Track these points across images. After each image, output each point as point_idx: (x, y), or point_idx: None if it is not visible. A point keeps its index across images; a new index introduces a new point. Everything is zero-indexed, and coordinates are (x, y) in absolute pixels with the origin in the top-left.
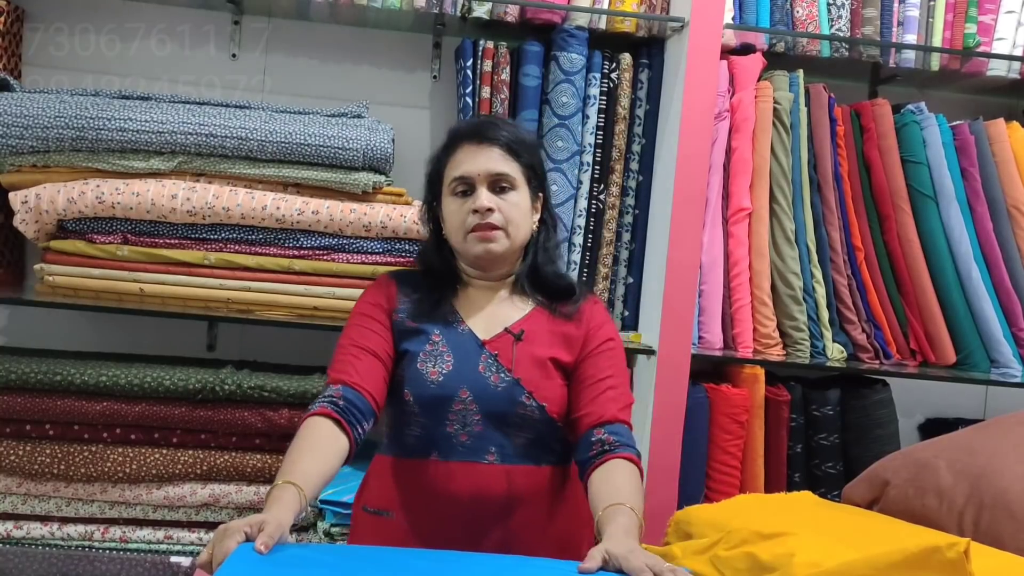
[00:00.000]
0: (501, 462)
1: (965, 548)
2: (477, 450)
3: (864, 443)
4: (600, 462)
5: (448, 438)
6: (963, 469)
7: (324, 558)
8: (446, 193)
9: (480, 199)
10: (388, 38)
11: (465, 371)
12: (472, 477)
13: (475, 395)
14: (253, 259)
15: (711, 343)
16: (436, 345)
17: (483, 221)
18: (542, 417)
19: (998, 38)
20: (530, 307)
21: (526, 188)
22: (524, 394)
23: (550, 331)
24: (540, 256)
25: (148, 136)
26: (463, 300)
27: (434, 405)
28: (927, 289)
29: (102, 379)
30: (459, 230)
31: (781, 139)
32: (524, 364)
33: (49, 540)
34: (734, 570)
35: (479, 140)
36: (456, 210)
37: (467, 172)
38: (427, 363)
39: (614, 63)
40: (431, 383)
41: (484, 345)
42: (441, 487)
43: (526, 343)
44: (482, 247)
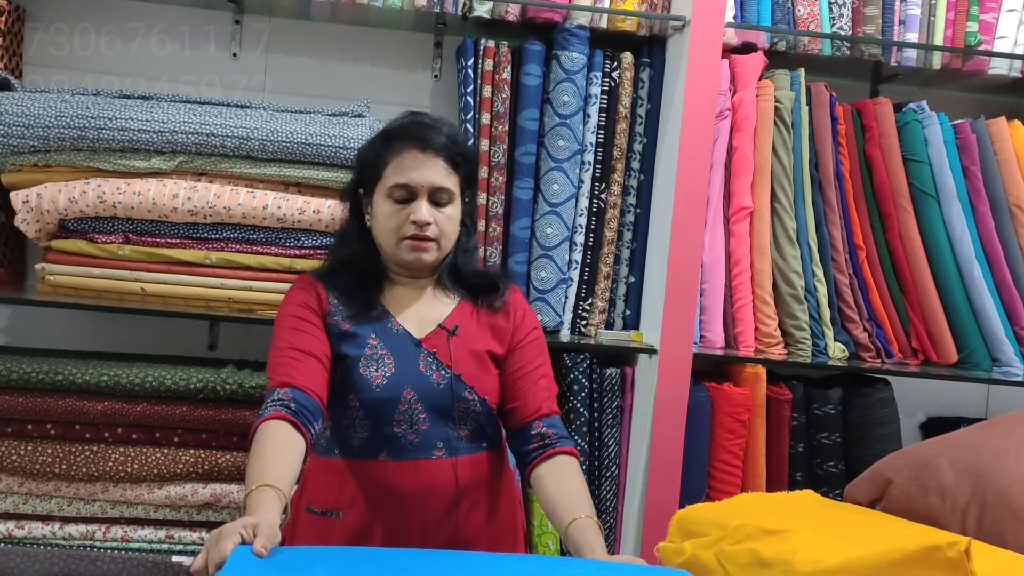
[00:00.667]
0: (448, 455)
1: (966, 547)
2: (425, 446)
3: (866, 442)
4: (544, 456)
5: (396, 438)
6: (965, 468)
7: (322, 560)
8: (382, 192)
9: (421, 213)
10: (389, 37)
11: (408, 372)
12: (422, 473)
13: (419, 394)
14: (254, 258)
15: (713, 342)
16: (375, 348)
17: (420, 233)
18: (484, 409)
19: (999, 36)
20: (456, 301)
21: (459, 200)
22: (466, 389)
23: (479, 323)
24: (460, 258)
25: (149, 135)
26: (391, 298)
27: (380, 408)
28: (929, 288)
29: (103, 379)
30: (392, 234)
31: (782, 138)
32: (462, 359)
33: (51, 540)
34: (737, 565)
35: (424, 148)
36: (392, 214)
37: (411, 181)
38: (369, 367)
39: (615, 62)
40: (376, 387)
41: (421, 343)
42: (392, 485)
43: (460, 338)
44: (414, 256)
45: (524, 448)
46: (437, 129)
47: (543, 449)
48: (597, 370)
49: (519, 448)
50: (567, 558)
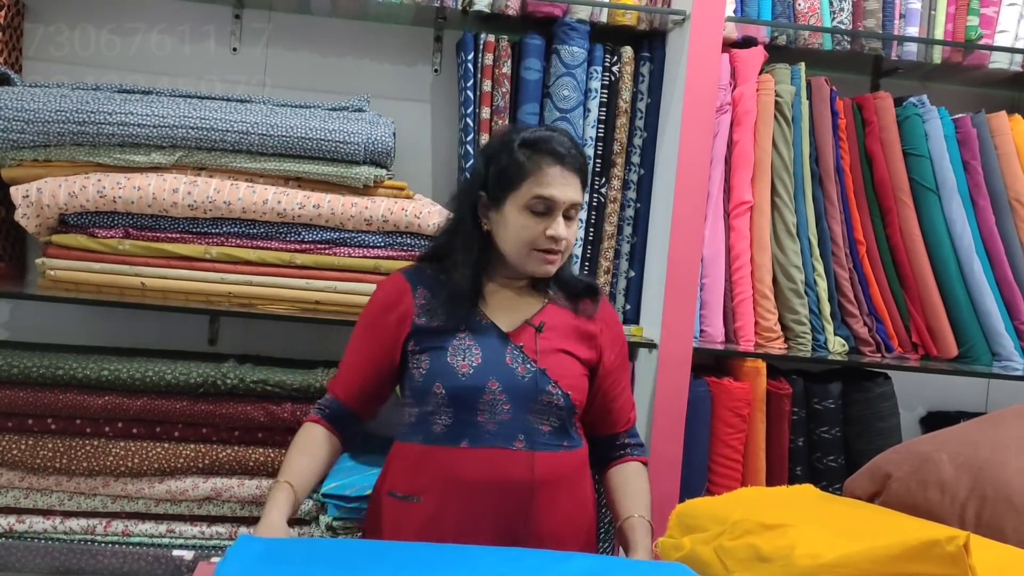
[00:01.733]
0: (528, 448)
1: (965, 542)
2: (506, 436)
3: (866, 436)
4: (621, 460)
5: (478, 426)
6: (965, 462)
7: (323, 552)
8: (518, 202)
9: (560, 228)
10: (389, 32)
11: (493, 363)
12: (501, 463)
13: (504, 385)
14: (254, 253)
15: (712, 337)
16: (463, 339)
17: (554, 247)
18: (566, 405)
19: (1000, 31)
20: (545, 301)
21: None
22: (550, 383)
23: (566, 324)
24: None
25: (149, 130)
26: (484, 295)
27: (465, 396)
28: (929, 282)
29: (104, 373)
30: (524, 244)
31: (783, 132)
32: (547, 355)
33: (52, 534)
34: (736, 560)
35: (565, 164)
36: (528, 225)
37: (554, 196)
38: (456, 357)
39: (615, 56)
40: (462, 376)
41: (508, 337)
42: (471, 472)
43: (546, 335)
44: (543, 268)
45: (607, 454)
46: (572, 146)
47: (622, 455)
48: None
49: (601, 453)
50: (568, 552)
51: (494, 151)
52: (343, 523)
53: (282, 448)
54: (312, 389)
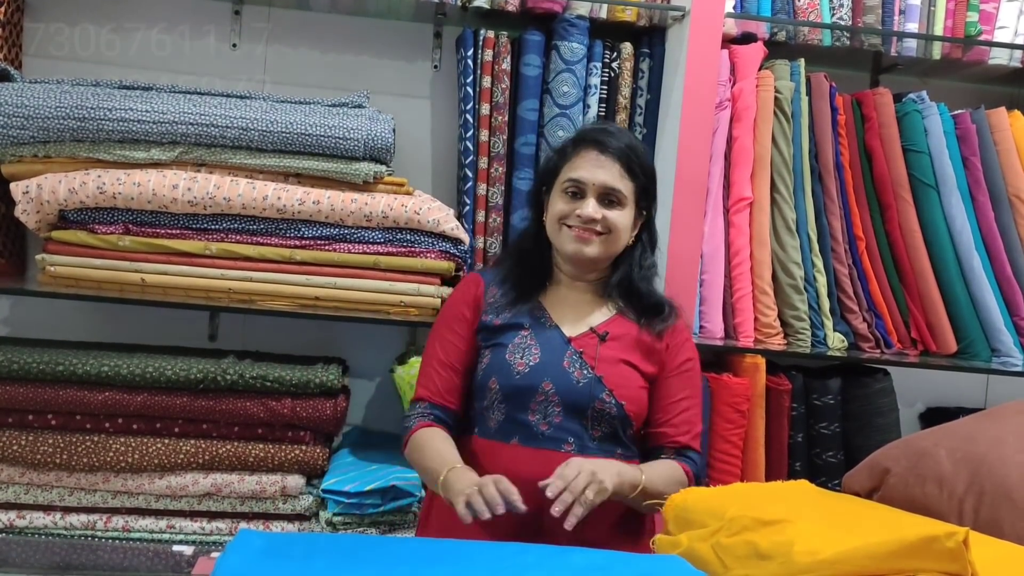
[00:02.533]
0: (578, 451)
1: (964, 537)
2: (556, 439)
3: (865, 432)
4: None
5: (529, 426)
6: (963, 457)
7: (324, 547)
8: (557, 188)
9: (587, 208)
10: (389, 28)
11: (550, 365)
12: (549, 464)
13: (557, 388)
14: (254, 249)
15: (712, 332)
16: (524, 339)
17: (585, 226)
18: (619, 414)
19: (999, 26)
20: (614, 312)
21: (633, 207)
22: (604, 391)
23: (631, 336)
24: (636, 272)
25: (149, 126)
26: (551, 297)
27: (518, 394)
28: (928, 278)
29: (104, 369)
30: (557, 221)
31: (782, 128)
32: (606, 363)
33: (52, 529)
34: (734, 557)
35: (602, 149)
36: (562, 207)
37: (583, 177)
38: (515, 354)
39: (615, 52)
40: (517, 373)
41: (570, 342)
42: (519, 470)
43: (609, 344)
44: (575, 246)
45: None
46: (618, 135)
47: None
48: None
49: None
50: (567, 547)
51: (550, 151)
52: (343, 519)
53: (282, 444)
54: (311, 385)
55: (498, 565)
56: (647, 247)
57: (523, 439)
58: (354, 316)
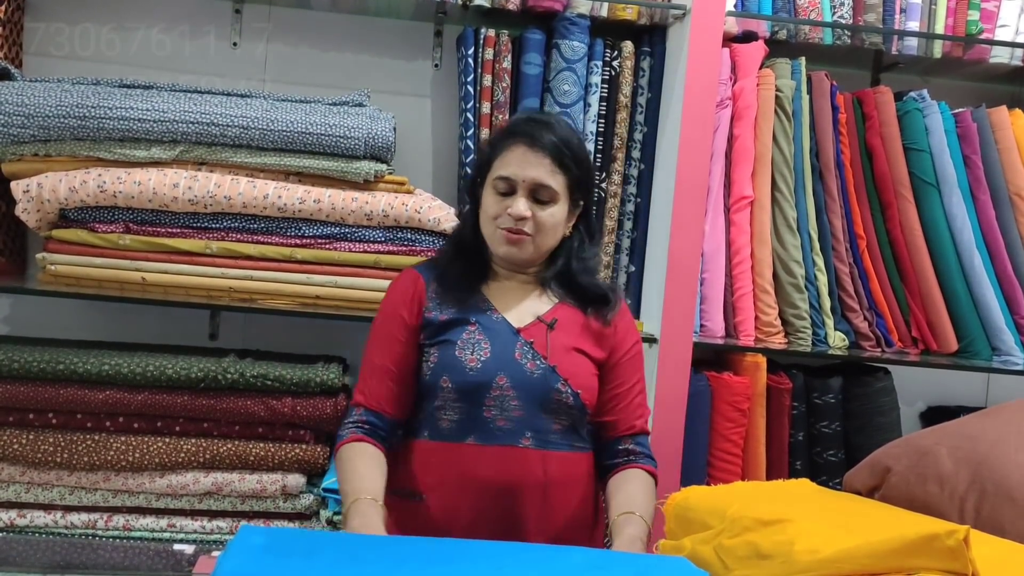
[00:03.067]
0: (537, 447)
1: (965, 535)
2: (514, 434)
3: (866, 431)
4: (621, 468)
5: (486, 423)
6: (964, 456)
7: (324, 544)
8: (488, 184)
9: (518, 206)
10: (389, 26)
11: (502, 358)
12: (509, 461)
13: (512, 381)
14: (255, 248)
15: (713, 331)
16: (472, 333)
17: (514, 227)
18: (576, 404)
19: (1001, 25)
20: (557, 300)
21: (566, 202)
22: (560, 381)
23: (579, 323)
24: (574, 264)
25: (149, 125)
26: (494, 290)
27: (472, 391)
28: (929, 277)
29: (105, 368)
30: (491, 222)
31: (783, 127)
32: (558, 352)
33: (53, 528)
34: (736, 558)
35: (532, 144)
36: (493, 204)
37: (512, 175)
38: (465, 351)
39: (616, 51)
40: (470, 370)
41: (519, 332)
42: (477, 470)
43: (558, 332)
44: (505, 249)
45: (610, 461)
46: (549, 127)
47: (626, 462)
48: None
49: (605, 460)
50: (569, 546)
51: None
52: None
53: (282, 443)
54: (312, 384)
55: (499, 564)
56: (585, 238)
57: (479, 437)
58: (355, 315)
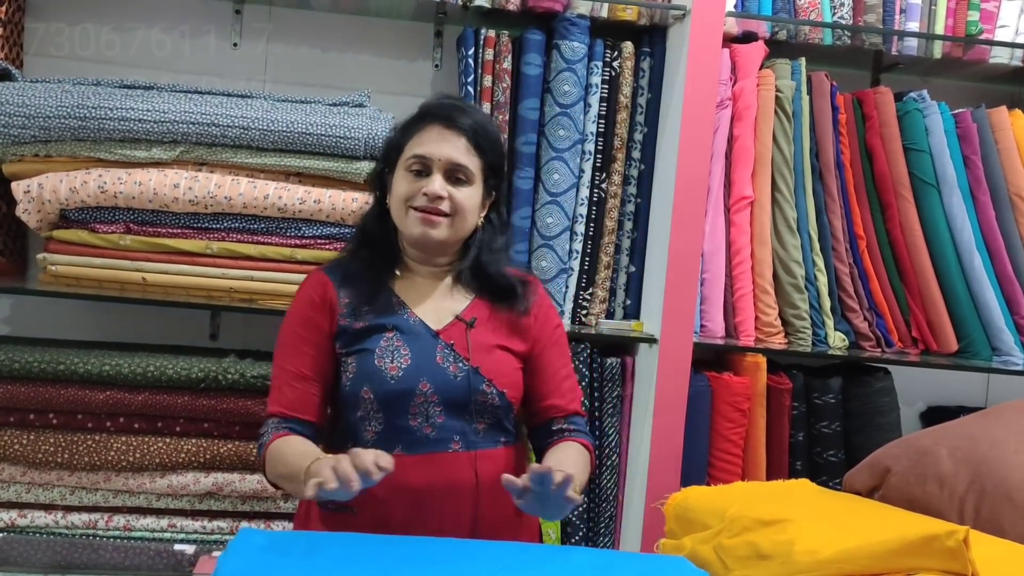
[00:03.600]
0: (465, 449)
1: (964, 536)
2: (441, 440)
3: (866, 431)
4: (557, 442)
5: (411, 431)
6: (964, 456)
7: (323, 545)
8: (401, 166)
9: (434, 185)
10: (390, 27)
11: (424, 364)
12: (439, 467)
13: (435, 387)
14: (255, 248)
15: (713, 331)
16: (391, 340)
17: (430, 206)
18: (502, 403)
19: (1000, 25)
20: (472, 296)
21: (480, 185)
22: (484, 382)
23: (498, 318)
24: (485, 255)
25: (150, 125)
26: (406, 287)
27: (395, 400)
28: (929, 277)
29: (105, 368)
30: (403, 204)
31: (783, 127)
32: (480, 352)
33: (53, 528)
34: (736, 558)
35: (447, 124)
36: (406, 185)
37: (428, 153)
38: (384, 359)
39: (616, 51)
40: (391, 379)
41: (438, 335)
42: (408, 479)
43: (478, 330)
44: (422, 230)
45: (543, 443)
46: (464, 110)
47: (560, 438)
48: (598, 360)
49: (539, 443)
50: (569, 546)
51: (392, 128)
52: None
53: None
54: None
55: (500, 564)
56: (496, 229)
57: (406, 446)
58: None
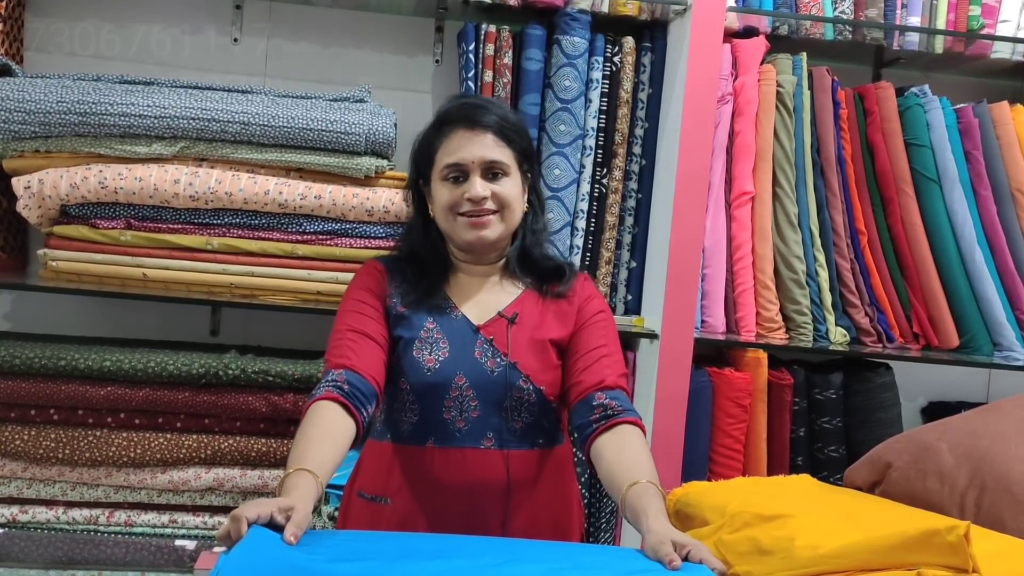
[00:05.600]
0: (499, 447)
1: (965, 531)
2: (474, 435)
3: (867, 427)
4: (605, 427)
5: (445, 424)
6: (965, 452)
7: (327, 541)
8: (437, 178)
9: (475, 188)
10: (390, 22)
11: (461, 357)
12: (470, 463)
13: (472, 381)
14: (256, 244)
15: (714, 327)
16: (430, 332)
17: (476, 209)
18: (539, 400)
19: (1002, 20)
20: (520, 290)
21: (518, 173)
22: (521, 378)
23: (543, 311)
24: (528, 238)
25: (150, 121)
26: (453, 286)
27: (430, 392)
28: (930, 272)
29: (106, 364)
30: (449, 213)
31: (784, 122)
32: (520, 348)
33: (54, 524)
34: (737, 554)
35: (471, 125)
36: (448, 194)
37: (461, 159)
38: (423, 351)
39: (617, 46)
40: (427, 371)
41: (479, 330)
42: (438, 473)
43: (520, 326)
44: (474, 234)
45: (585, 420)
46: (484, 108)
47: (604, 420)
48: None
49: (580, 422)
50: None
51: (416, 140)
52: None
53: (284, 438)
54: (314, 379)
55: (505, 558)
56: (537, 211)
57: (439, 440)
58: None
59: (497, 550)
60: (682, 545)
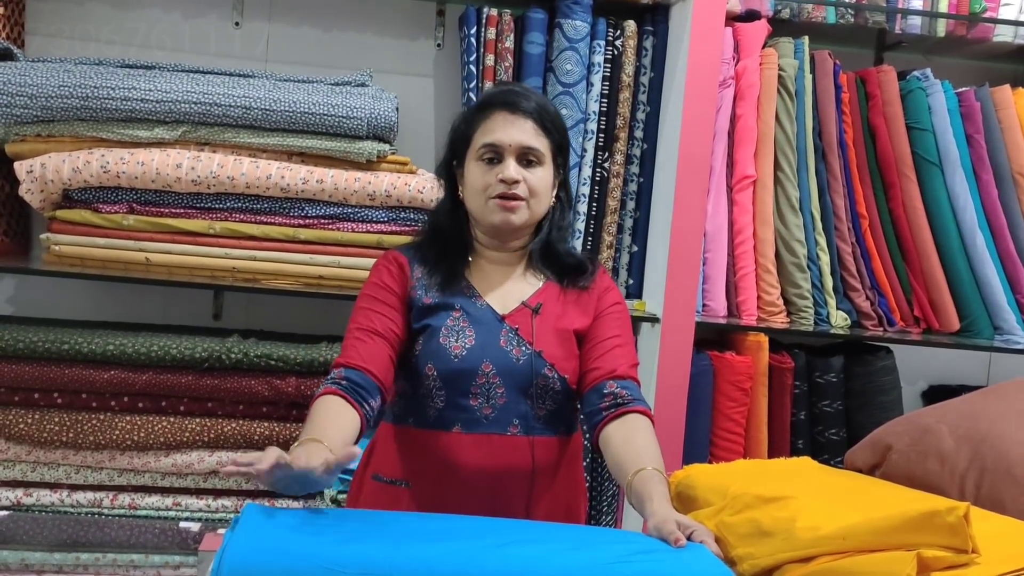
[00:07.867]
0: (524, 433)
1: (965, 512)
2: (501, 422)
3: (867, 410)
4: (615, 415)
5: (472, 411)
6: (965, 434)
7: (329, 521)
8: (472, 157)
9: (508, 170)
10: (392, 6)
11: (487, 345)
12: (496, 448)
13: (498, 368)
14: (258, 228)
15: (715, 311)
16: (457, 320)
17: (508, 191)
18: (563, 388)
19: (1005, 3)
20: (541, 282)
21: (551, 165)
22: (546, 366)
23: (565, 302)
24: (554, 233)
25: (152, 105)
26: (477, 274)
27: (457, 379)
28: (931, 256)
29: (109, 348)
30: (481, 194)
31: (786, 106)
32: (544, 337)
33: (59, 507)
34: (738, 536)
35: (513, 110)
36: (481, 175)
37: (498, 140)
38: (449, 338)
39: (618, 30)
40: (454, 357)
41: (504, 319)
42: (465, 459)
43: (544, 316)
44: (502, 216)
45: (595, 407)
46: (526, 95)
47: (614, 408)
48: None
49: (590, 409)
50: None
51: (455, 121)
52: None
53: (286, 422)
54: (316, 363)
55: (509, 540)
56: (565, 207)
57: (465, 425)
58: (358, 295)
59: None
60: (685, 527)
